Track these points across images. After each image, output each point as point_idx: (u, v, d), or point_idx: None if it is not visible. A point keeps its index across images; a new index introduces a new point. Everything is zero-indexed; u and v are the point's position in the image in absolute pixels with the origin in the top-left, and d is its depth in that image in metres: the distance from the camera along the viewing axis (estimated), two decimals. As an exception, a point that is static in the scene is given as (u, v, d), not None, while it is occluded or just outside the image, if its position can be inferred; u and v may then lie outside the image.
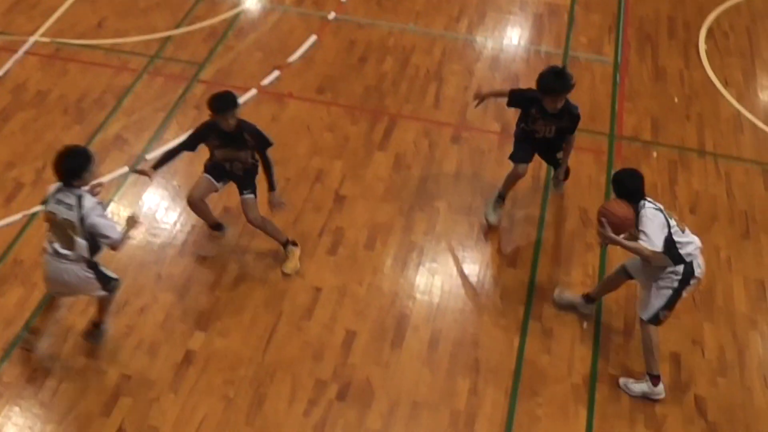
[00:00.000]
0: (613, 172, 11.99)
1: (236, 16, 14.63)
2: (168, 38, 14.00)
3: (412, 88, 13.40)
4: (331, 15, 14.78)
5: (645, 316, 9.28)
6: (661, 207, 9.07)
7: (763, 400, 9.63)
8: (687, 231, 9.17)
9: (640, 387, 9.51)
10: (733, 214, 11.75)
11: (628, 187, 9.10)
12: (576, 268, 10.89)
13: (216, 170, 10.26)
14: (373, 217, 11.29)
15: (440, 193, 11.72)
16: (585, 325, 10.22)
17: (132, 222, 8.97)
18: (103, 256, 9.11)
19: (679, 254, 9.00)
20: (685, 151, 12.70)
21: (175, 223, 11.07)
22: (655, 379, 9.43)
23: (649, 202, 9.04)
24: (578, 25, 15.10)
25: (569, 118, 10.63)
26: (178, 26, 14.24)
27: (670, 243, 8.93)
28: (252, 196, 10.28)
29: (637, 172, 9.28)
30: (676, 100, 13.57)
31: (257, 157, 10.12)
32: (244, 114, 12.34)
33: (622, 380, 9.63)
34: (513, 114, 12.81)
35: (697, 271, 9.11)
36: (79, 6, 14.60)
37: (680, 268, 9.05)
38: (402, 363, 9.69)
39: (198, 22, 14.36)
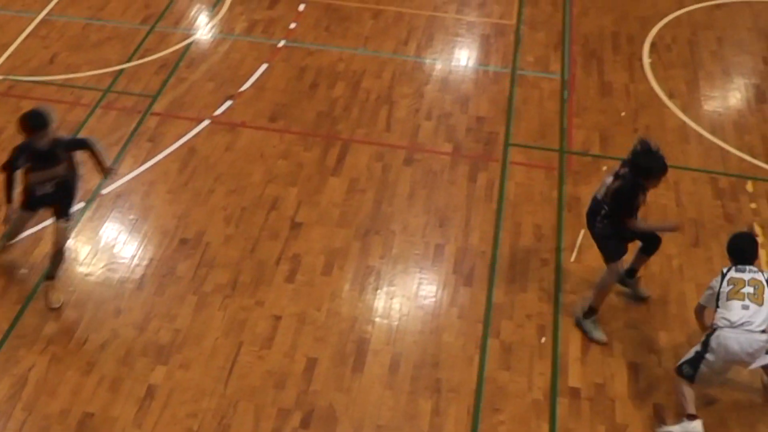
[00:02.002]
0: (564, 186, 12.21)
1: (187, 47, 14.71)
2: (120, 71, 14.05)
3: (364, 112, 13.53)
4: (281, 42, 14.88)
5: (677, 364, 9.50)
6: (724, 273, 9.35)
7: (720, 405, 9.78)
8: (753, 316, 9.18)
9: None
10: (683, 223, 11.93)
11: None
12: (532, 283, 11.00)
13: (31, 201, 10.28)
14: (329, 243, 11.37)
15: (395, 215, 11.82)
16: (543, 339, 10.34)
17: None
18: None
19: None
20: (635, 163, 12.89)
21: (132, 257, 11.09)
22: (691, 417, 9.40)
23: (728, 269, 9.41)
24: (525, 43, 15.30)
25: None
26: (129, 59, 14.29)
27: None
28: (67, 225, 10.31)
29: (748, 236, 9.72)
30: (623, 113, 13.77)
31: (75, 165, 10.20)
32: (198, 145, 12.55)
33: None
34: (465, 133, 13.06)
35: (715, 352, 9.19)
36: (31, 42, 14.64)
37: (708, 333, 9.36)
38: (364, 387, 9.75)
39: (149, 54, 14.44)
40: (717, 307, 9.18)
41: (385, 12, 15.91)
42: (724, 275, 9.23)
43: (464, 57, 15.10)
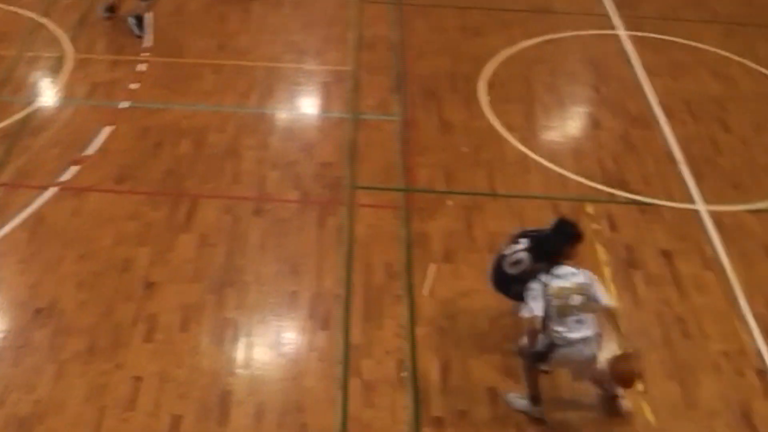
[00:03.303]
0: (413, 224, 12.51)
1: (29, 114, 14.57)
2: (-39, 145, 13.93)
3: (210, 166, 13.62)
4: (124, 104, 14.89)
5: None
6: (545, 281, 9.53)
7: (576, 417, 10.17)
8: (578, 321, 9.59)
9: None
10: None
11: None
12: (387, 320, 11.20)
13: None
14: (184, 299, 11.39)
15: (248, 266, 11.93)
16: (403, 374, 10.52)
17: None
18: None
19: (548, 329, 9.55)
20: (479, 196, 13.31)
21: None
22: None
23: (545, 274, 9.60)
24: (363, 88, 15.64)
25: None
26: (-30, 132, 14.17)
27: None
28: None
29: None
30: (464, 149, 14.18)
31: None
32: (45, 213, 12.49)
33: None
34: (311, 180, 13.28)
35: (558, 352, 9.58)
36: None
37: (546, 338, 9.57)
38: (231, 439, 9.84)
39: (-9, 125, 14.35)
40: (547, 316, 9.48)
41: (225, 66, 16.09)
42: (545, 284, 9.49)
43: (306, 105, 15.39)
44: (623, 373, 9.73)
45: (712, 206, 13.39)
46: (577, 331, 9.48)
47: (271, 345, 10.95)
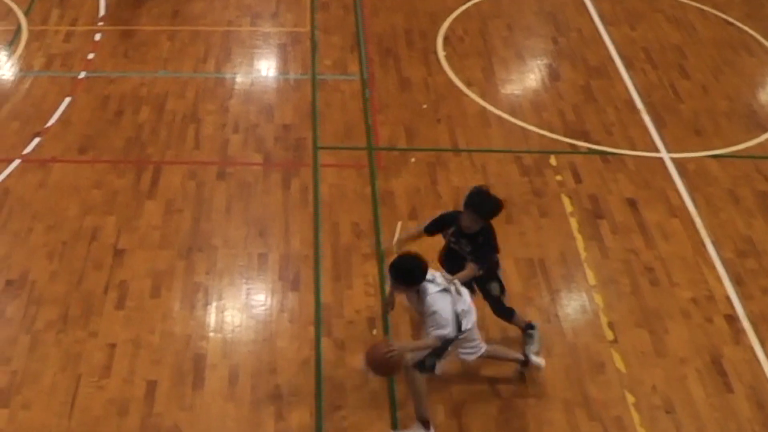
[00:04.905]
0: (377, 181, 12.55)
1: (-14, 88, 14.57)
2: None
3: (171, 133, 13.62)
4: (82, 74, 14.83)
5: (411, 362, 9.22)
6: (441, 285, 9.03)
7: (547, 369, 10.20)
8: (463, 292, 9.21)
9: None
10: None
11: (412, 273, 8.94)
12: (357, 279, 11.31)
13: None
14: (154, 266, 11.43)
15: (215, 230, 11.97)
16: (374, 331, 10.64)
17: None
18: None
19: (459, 322, 9.09)
20: (441, 152, 13.37)
21: None
22: (426, 425, 9.52)
23: (428, 283, 8.97)
24: (321, 48, 15.64)
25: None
26: (-72, 109, 14.07)
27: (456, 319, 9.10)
28: None
29: (414, 258, 9.01)
30: (424, 106, 14.25)
31: None
32: (11, 186, 12.44)
33: None
34: (274, 142, 13.30)
35: (465, 326, 9.10)
36: None
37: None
38: (206, 403, 9.86)
39: (-51, 101, 14.24)
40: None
41: (181, 32, 16.01)
42: (445, 289, 9.05)
43: (264, 68, 15.35)
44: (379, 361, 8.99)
45: (675, 153, 13.53)
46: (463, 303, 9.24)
47: (242, 308, 11.00)
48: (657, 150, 13.51)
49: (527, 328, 10.35)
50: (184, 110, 14.11)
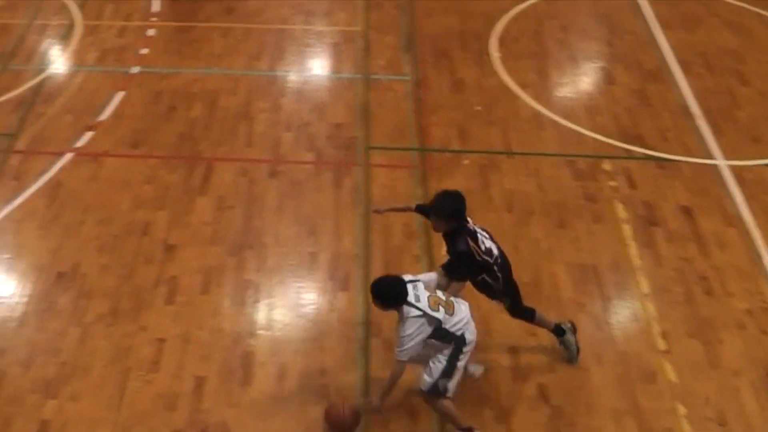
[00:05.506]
0: (429, 183, 12.49)
1: (41, 82, 14.61)
2: (-24, 114, 13.93)
3: (224, 129, 13.63)
4: (135, 69, 14.90)
5: (425, 388, 9.08)
6: (422, 308, 8.76)
7: (598, 377, 10.11)
8: (457, 307, 8.98)
9: None
10: (547, 206, 12.33)
11: (389, 294, 8.86)
12: (406, 281, 11.25)
13: None
14: (204, 262, 11.43)
15: (266, 228, 11.95)
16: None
17: None
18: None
19: (449, 333, 8.90)
20: (494, 154, 13.27)
21: (11, 296, 10.96)
22: (468, 431, 9.38)
23: (409, 306, 8.78)
24: (374, 48, 15.60)
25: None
26: (-16, 101, 14.18)
27: (438, 333, 8.86)
28: None
29: (392, 280, 8.97)
30: (477, 108, 14.15)
31: None
32: (63, 179, 12.49)
33: None
34: (325, 141, 13.26)
35: (469, 338, 8.99)
36: None
37: (452, 344, 8.96)
38: (254, 400, 9.82)
39: (4, 93, 14.29)
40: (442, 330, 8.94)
41: (234, 29, 16.05)
42: (422, 312, 8.79)
43: (316, 66, 15.36)
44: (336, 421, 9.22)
45: (732, 161, 13.30)
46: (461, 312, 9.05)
47: (291, 306, 10.96)
48: (713, 157, 13.30)
49: None
50: (236, 107, 14.12)
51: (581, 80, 15.16)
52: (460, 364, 9.03)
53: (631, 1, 17.13)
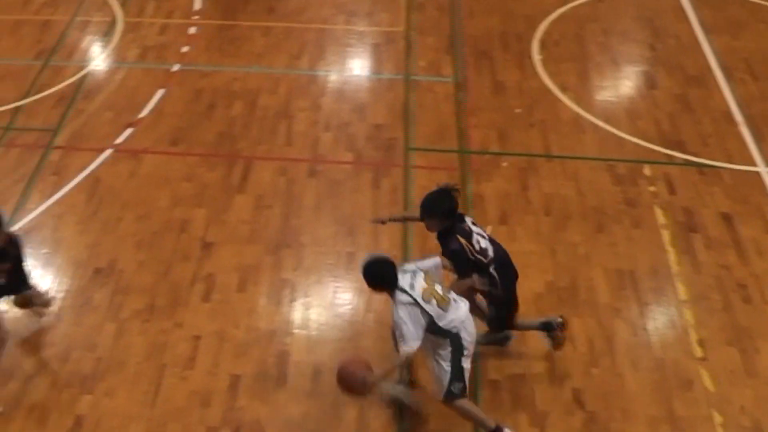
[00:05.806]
0: (469, 185, 12.44)
1: (82, 78, 14.70)
2: (17, 109, 13.98)
3: (263, 128, 13.65)
4: (175, 66, 14.95)
5: (441, 397, 9.07)
6: (415, 297, 8.73)
7: (634, 383, 10.05)
8: (453, 304, 8.93)
9: None
10: (586, 211, 12.25)
11: (375, 273, 8.94)
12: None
13: None
14: (241, 260, 11.45)
15: (304, 227, 11.96)
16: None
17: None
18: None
19: (442, 329, 8.82)
20: (533, 157, 13.21)
21: (49, 291, 11.00)
22: (497, 430, 9.27)
23: (401, 292, 8.77)
24: (416, 49, 15.56)
25: None
26: (26, 96, 14.22)
27: (432, 327, 8.80)
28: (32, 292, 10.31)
29: (380, 260, 9.04)
30: (518, 110, 14.09)
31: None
32: (102, 175, 12.55)
33: None
34: (365, 142, 13.25)
35: (466, 337, 8.92)
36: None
37: (447, 340, 8.89)
38: (288, 399, 9.84)
39: (45, 89, 14.39)
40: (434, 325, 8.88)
41: (275, 28, 16.07)
42: (415, 302, 8.76)
43: (357, 66, 15.34)
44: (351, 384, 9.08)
45: (774, 169, 13.21)
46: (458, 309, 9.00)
47: (327, 306, 10.96)
48: (755, 164, 13.15)
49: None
50: (276, 106, 14.13)
51: (622, 84, 15.06)
52: (465, 364, 9.01)
53: (676, 5, 16.96)
